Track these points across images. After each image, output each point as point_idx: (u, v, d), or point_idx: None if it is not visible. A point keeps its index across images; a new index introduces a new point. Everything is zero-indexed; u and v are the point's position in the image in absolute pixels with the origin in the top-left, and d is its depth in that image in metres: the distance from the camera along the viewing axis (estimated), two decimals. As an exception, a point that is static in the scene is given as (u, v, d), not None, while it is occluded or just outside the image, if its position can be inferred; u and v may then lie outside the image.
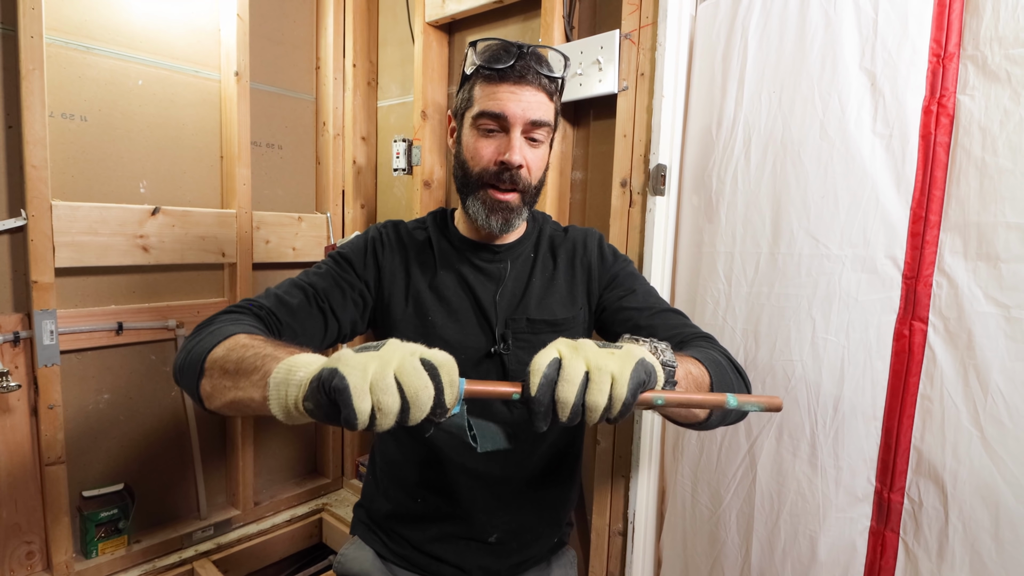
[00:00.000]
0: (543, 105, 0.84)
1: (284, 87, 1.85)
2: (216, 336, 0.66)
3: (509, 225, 0.88)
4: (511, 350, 0.90)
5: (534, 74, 0.82)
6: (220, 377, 0.61)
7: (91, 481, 1.51)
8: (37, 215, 1.31)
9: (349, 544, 1.03)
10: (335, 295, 0.88)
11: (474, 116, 0.85)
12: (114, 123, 1.50)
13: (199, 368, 0.63)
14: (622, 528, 1.25)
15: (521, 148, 0.83)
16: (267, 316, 0.79)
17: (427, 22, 1.63)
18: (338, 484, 2.04)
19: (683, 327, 0.85)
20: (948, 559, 0.87)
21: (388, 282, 0.93)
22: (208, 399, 0.63)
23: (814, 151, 0.99)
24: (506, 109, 0.82)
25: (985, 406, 0.84)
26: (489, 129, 0.84)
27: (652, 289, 0.96)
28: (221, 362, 0.61)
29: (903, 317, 0.92)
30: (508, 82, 0.82)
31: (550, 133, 0.88)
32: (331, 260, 0.93)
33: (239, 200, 1.68)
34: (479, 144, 0.85)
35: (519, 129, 0.83)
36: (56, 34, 1.39)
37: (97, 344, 1.47)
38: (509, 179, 0.84)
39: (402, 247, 0.95)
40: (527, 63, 0.82)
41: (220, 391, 0.61)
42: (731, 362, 0.77)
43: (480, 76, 0.84)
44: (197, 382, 0.63)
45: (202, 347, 0.65)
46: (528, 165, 0.85)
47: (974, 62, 0.85)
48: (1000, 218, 0.83)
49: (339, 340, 0.90)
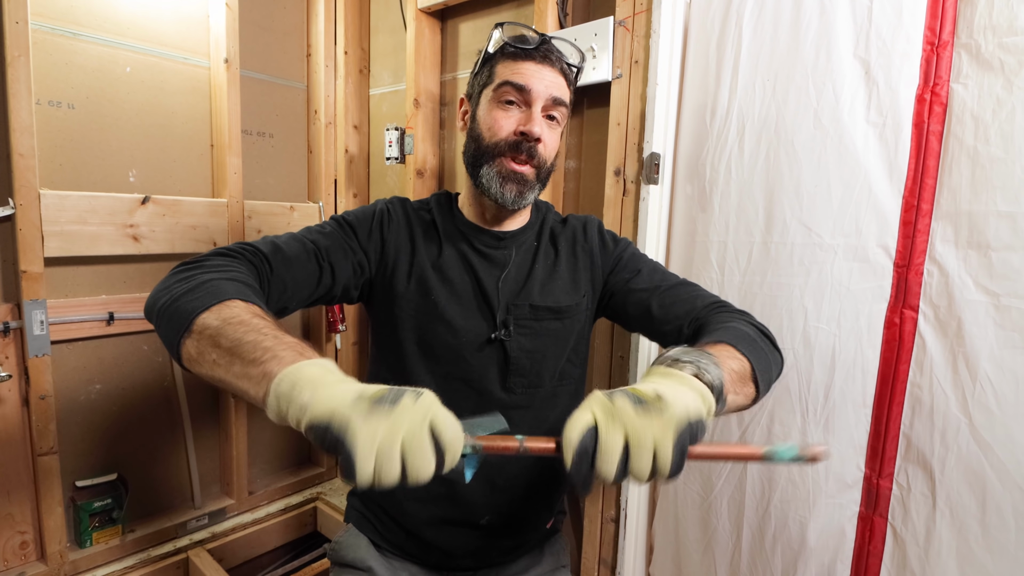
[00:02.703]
0: (563, 87, 0.88)
1: (275, 75, 1.83)
2: (209, 296, 0.62)
3: (522, 198, 0.88)
4: (512, 336, 0.90)
5: (557, 56, 0.87)
6: (210, 348, 0.57)
7: (84, 471, 1.50)
8: (25, 204, 1.30)
9: (343, 532, 1.03)
10: (337, 255, 0.87)
11: (496, 87, 0.86)
12: (102, 111, 1.48)
13: (186, 325, 0.60)
14: (614, 515, 1.26)
15: (541, 121, 0.85)
16: (260, 263, 0.77)
17: (419, 9, 1.61)
18: (332, 473, 2.05)
19: (695, 300, 0.86)
20: (935, 544, 0.89)
21: (392, 256, 0.92)
22: (190, 362, 0.60)
23: (807, 140, 0.99)
24: (530, 82, 0.84)
25: (974, 393, 0.85)
26: (509, 100, 0.86)
27: (656, 265, 0.97)
28: (213, 332, 0.58)
29: (894, 305, 0.92)
30: (533, 60, 0.85)
31: (566, 116, 0.90)
32: (334, 222, 0.92)
33: (230, 189, 1.66)
34: (498, 115, 0.86)
35: (540, 104, 0.85)
36: (42, 20, 1.36)
37: (88, 334, 1.46)
38: (527, 151, 0.85)
39: (408, 223, 0.95)
40: (550, 47, 0.87)
41: (208, 363, 0.58)
42: (759, 331, 0.78)
43: (504, 54, 0.87)
44: (180, 338, 0.60)
45: (192, 305, 0.61)
46: (545, 142, 0.87)
47: (968, 51, 0.85)
48: (991, 207, 0.83)
49: (328, 300, 0.89)
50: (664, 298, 0.88)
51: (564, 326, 0.93)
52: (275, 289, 0.78)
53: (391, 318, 0.92)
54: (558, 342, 0.93)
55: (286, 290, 0.79)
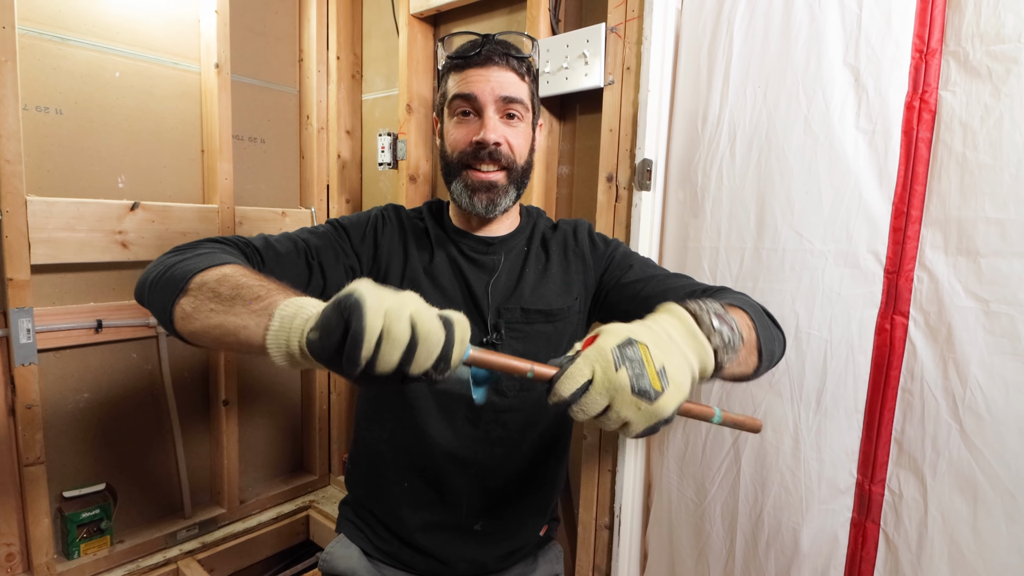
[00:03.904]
0: (513, 83, 0.86)
1: (266, 80, 1.82)
2: (208, 259, 0.62)
3: (495, 205, 0.88)
4: (504, 340, 0.90)
5: (500, 55, 0.85)
6: (208, 299, 0.57)
7: (72, 481, 1.48)
8: (11, 211, 1.28)
9: (335, 542, 1.02)
10: (327, 255, 0.87)
11: (449, 102, 0.87)
12: (91, 116, 1.46)
13: (182, 286, 0.60)
14: (608, 521, 1.26)
15: (496, 126, 0.85)
16: (252, 254, 0.77)
17: (412, 14, 1.61)
18: (325, 481, 2.03)
19: (692, 285, 0.86)
20: (927, 550, 0.89)
21: (385, 261, 0.92)
22: (184, 319, 0.60)
23: (798, 146, 0.99)
24: (474, 89, 0.84)
25: (964, 399, 0.85)
26: (464, 112, 0.87)
27: (648, 260, 0.98)
28: (213, 284, 0.58)
29: (885, 311, 0.93)
30: (475, 66, 0.85)
31: (527, 110, 0.89)
32: (328, 225, 0.92)
33: (221, 195, 1.65)
34: (454, 129, 0.87)
35: (491, 108, 0.85)
36: (29, 24, 1.35)
37: (76, 342, 1.45)
38: (488, 156, 0.85)
39: (402, 230, 0.95)
40: (492, 47, 0.85)
41: (203, 313, 0.57)
42: (762, 309, 0.78)
43: (451, 68, 0.87)
44: (174, 299, 0.60)
45: (190, 266, 0.61)
46: (508, 142, 0.86)
47: (956, 58, 0.85)
48: (980, 213, 0.83)
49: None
50: (659, 286, 0.88)
51: (556, 329, 0.93)
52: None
53: None
54: (550, 345, 0.93)
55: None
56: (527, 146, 0.90)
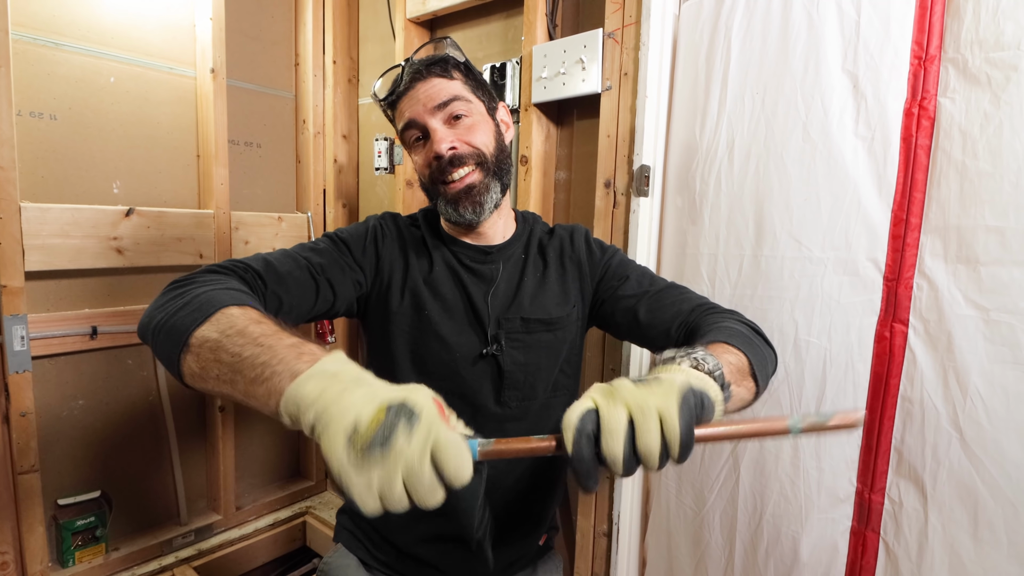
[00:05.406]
0: (441, 87, 0.87)
1: (262, 84, 1.81)
2: (203, 309, 0.60)
3: (481, 207, 0.88)
4: (504, 351, 0.89)
5: (419, 71, 0.87)
6: (212, 363, 0.56)
7: (67, 489, 1.47)
8: (5, 217, 1.27)
9: (332, 552, 1.02)
10: (334, 271, 0.86)
11: (402, 137, 0.91)
12: (86, 122, 1.45)
13: (183, 343, 0.58)
14: (607, 529, 1.25)
15: (444, 135, 0.86)
16: (252, 280, 0.75)
17: (408, 19, 1.61)
18: (322, 487, 2.02)
19: (683, 304, 0.86)
20: (928, 559, 0.88)
21: (387, 272, 0.92)
22: (193, 379, 0.58)
23: (797, 153, 0.99)
24: (411, 114, 0.87)
25: (964, 408, 0.85)
26: (416, 139, 0.89)
27: (645, 270, 0.97)
28: (213, 346, 0.56)
29: (884, 319, 0.92)
30: (404, 96, 0.88)
31: (470, 102, 0.89)
32: (328, 240, 0.91)
33: (217, 200, 1.64)
34: (416, 156, 0.91)
35: (433, 121, 0.86)
36: (23, 30, 1.34)
37: (71, 349, 1.43)
38: (450, 165, 0.86)
39: (401, 239, 0.95)
40: (414, 68, 0.87)
41: (212, 380, 0.56)
42: (750, 328, 0.78)
43: (388, 108, 0.92)
44: (179, 355, 0.58)
45: (187, 320, 0.59)
46: (464, 140, 0.87)
47: (955, 65, 0.85)
48: (980, 221, 0.83)
49: (330, 316, 0.90)
50: (652, 303, 0.88)
51: (556, 337, 0.92)
52: (270, 305, 0.76)
53: (386, 334, 0.91)
54: (551, 353, 0.92)
55: (282, 306, 0.78)
56: (490, 133, 0.90)
